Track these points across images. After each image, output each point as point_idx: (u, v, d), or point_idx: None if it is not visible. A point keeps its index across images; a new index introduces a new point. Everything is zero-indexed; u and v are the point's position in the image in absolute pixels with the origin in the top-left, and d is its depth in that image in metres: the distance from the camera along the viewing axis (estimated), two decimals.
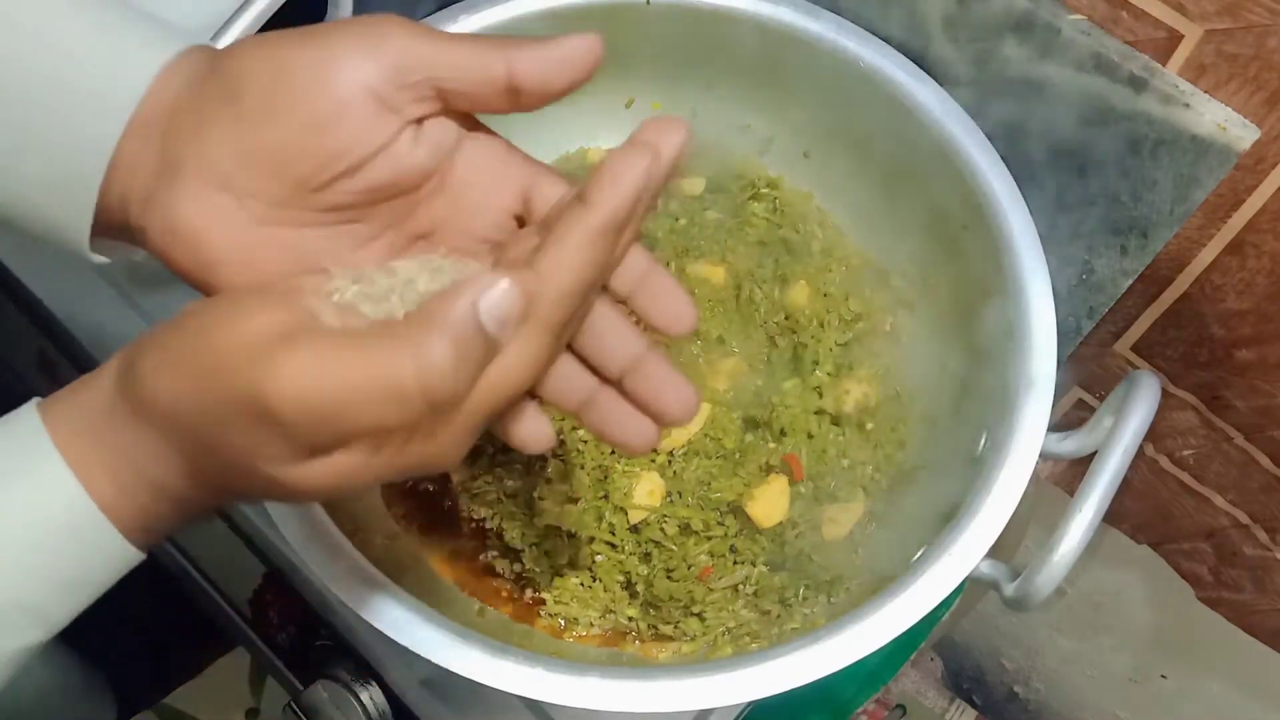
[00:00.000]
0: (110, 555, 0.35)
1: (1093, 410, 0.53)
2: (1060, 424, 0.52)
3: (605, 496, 0.60)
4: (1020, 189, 0.59)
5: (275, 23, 0.56)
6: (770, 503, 0.60)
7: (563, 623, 0.59)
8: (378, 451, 0.32)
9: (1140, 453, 0.50)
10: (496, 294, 0.31)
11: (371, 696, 0.58)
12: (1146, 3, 0.59)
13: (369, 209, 0.37)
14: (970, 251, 0.61)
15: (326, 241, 0.36)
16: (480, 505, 0.61)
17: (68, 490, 0.33)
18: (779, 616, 0.59)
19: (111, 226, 0.37)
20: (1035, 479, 0.52)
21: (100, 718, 0.96)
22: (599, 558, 0.60)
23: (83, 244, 0.37)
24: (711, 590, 0.59)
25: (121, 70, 0.36)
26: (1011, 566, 0.50)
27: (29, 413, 0.34)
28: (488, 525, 0.61)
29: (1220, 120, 0.57)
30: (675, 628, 0.59)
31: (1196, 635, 0.95)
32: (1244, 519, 0.85)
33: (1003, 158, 0.60)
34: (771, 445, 0.62)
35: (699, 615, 0.59)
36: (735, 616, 0.59)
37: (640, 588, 0.59)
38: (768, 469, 0.62)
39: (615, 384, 0.38)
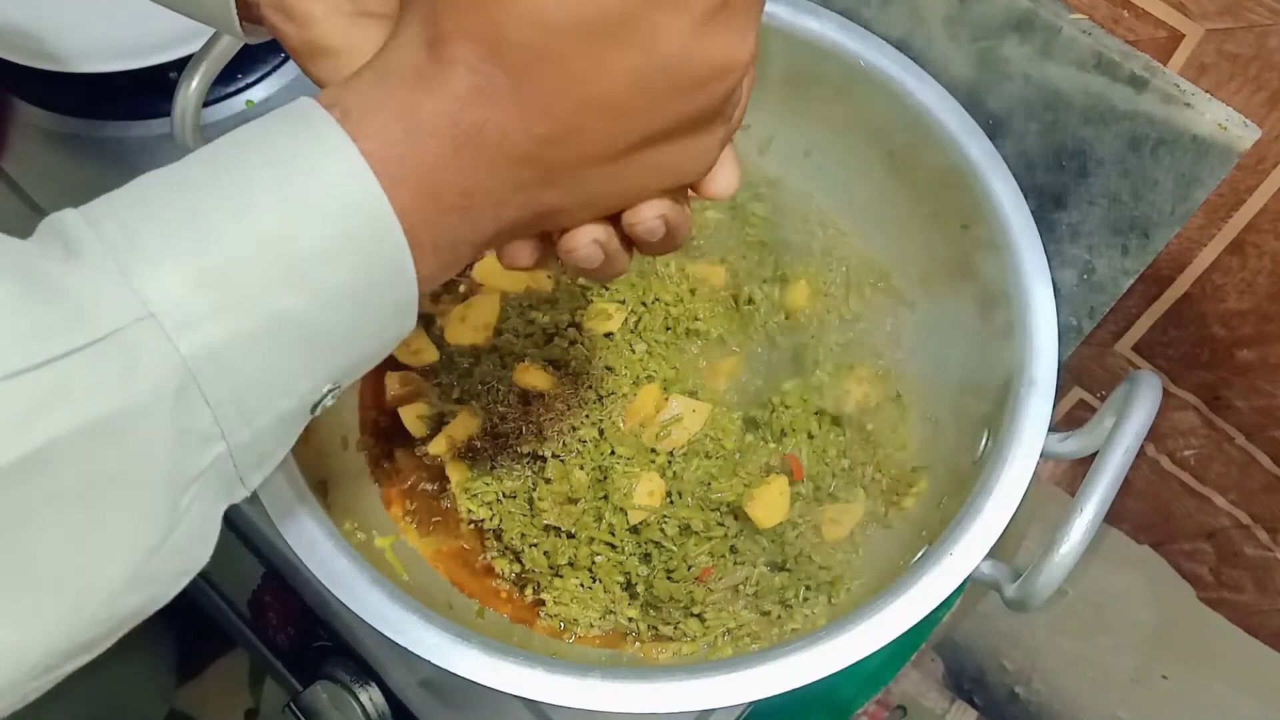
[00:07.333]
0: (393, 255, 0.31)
1: (1094, 410, 0.53)
2: (1061, 424, 0.52)
3: (605, 497, 0.60)
4: (1021, 188, 0.59)
5: None
6: (770, 503, 0.60)
7: (562, 624, 0.59)
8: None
9: (1141, 453, 0.50)
10: None
11: (371, 697, 0.58)
12: (1147, 2, 0.59)
13: None
14: (971, 251, 0.61)
15: None
16: (480, 505, 0.61)
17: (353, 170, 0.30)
18: (779, 617, 0.59)
19: (248, 8, 0.39)
20: (1036, 479, 0.52)
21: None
22: (599, 558, 0.60)
23: (233, 24, 0.39)
24: (712, 591, 0.59)
25: None
26: (1012, 567, 0.50)
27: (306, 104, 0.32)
28: (487, 525, 0.61)
29: (1221, 120, 0.57)
30: (675, 628, 0.59)
31: (1197, 635, 0.95)
32: (1245, 519, 0.85)
33: (1003, 157, 0.60)
34: (771, 445, 0.62)
35: (699, 616, 0.59)
36: (736, 617, 0.59)
37: (640, 588, 0.59)
38: (768, 469, 0.62)
39: None
